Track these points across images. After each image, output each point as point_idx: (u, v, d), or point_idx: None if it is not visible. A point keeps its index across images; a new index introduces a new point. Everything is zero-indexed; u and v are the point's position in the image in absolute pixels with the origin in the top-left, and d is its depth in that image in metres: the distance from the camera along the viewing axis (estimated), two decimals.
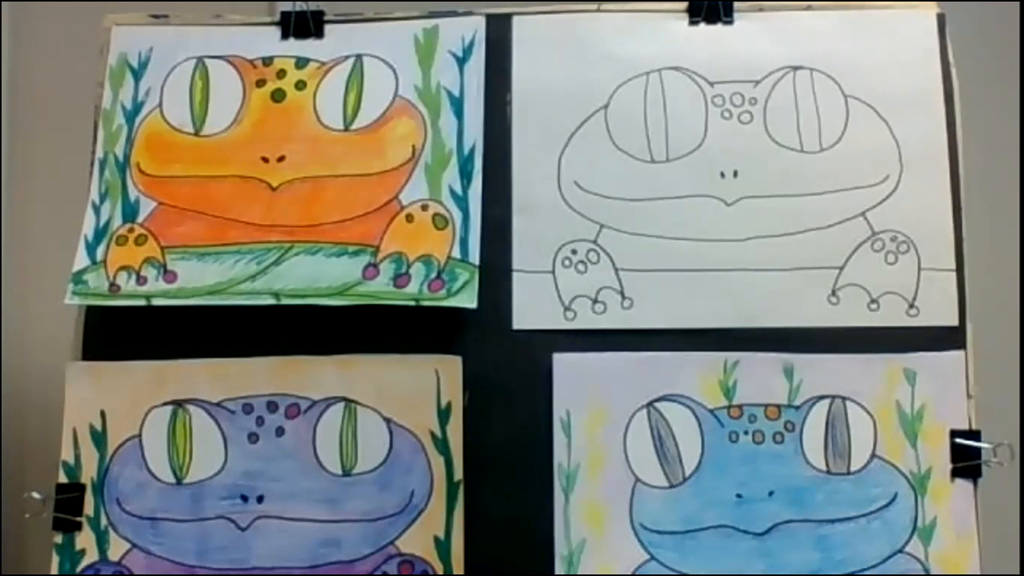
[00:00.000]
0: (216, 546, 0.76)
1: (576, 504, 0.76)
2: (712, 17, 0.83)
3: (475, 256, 0.77)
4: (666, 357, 0.78)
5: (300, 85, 0.83)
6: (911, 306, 0.78)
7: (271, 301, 0.77)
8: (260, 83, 0.84)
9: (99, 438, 0.78)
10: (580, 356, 0.78)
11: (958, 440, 0.76)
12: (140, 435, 0.78)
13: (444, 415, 0.77)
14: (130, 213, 0.81)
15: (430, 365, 0.77)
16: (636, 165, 0.80)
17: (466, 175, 0.80)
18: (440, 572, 0.75)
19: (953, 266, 0.78)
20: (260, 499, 0.77)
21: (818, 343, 0.77)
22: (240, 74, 0.84)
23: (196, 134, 0.83)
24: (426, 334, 0.78)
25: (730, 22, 0.83)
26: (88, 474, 0.78)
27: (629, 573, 0.75)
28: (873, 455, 0.76)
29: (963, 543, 0.75)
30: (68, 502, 0.78)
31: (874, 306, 0.78)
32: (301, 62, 0.84)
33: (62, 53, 1.17)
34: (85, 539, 0.77)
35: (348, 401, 0.77)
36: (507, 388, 0.78)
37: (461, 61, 0.82)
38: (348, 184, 0.80)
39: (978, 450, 0.76)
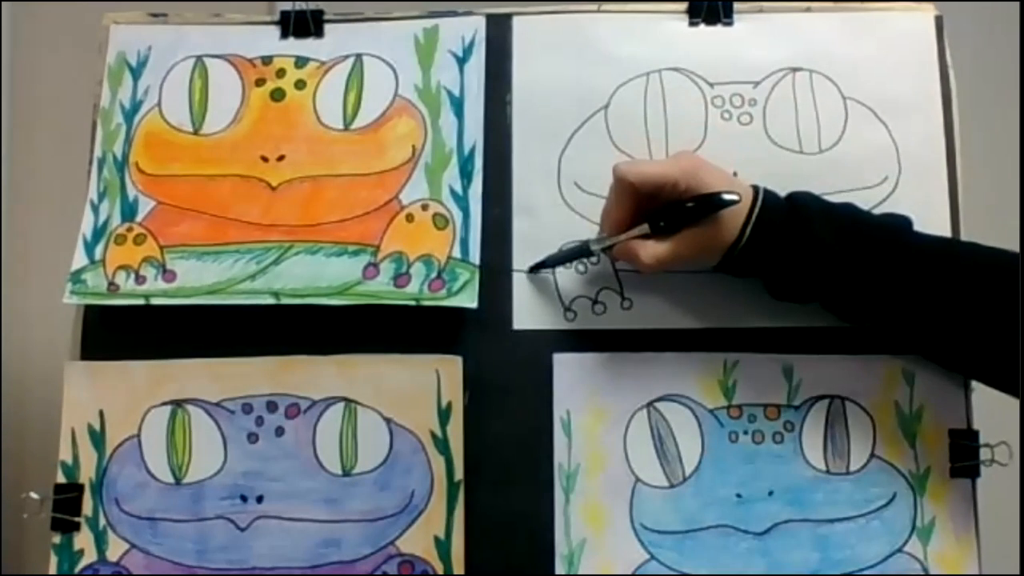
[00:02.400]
0: (216, 546, 0.76)
1: (576, 504, 0.76)
2: (712, 18, 0.83)
3: (475, 256, 0.77)
4: (666, 357, 0.78)
5: (300, 84, 0.83)
6: None
7: (271, 301, 0.77)
8: (259, 82, 0.83)
9: (98, 438, 0.78)
10: (580, 356, 0.78)
11: (957, 440, 0.76)
12: (139, 435, 0.78)
13: (444, 415, 0.77)
14: (129, 212, 0.81)
15: (430, 365, 0.77)
16: None
17: (466, 175, 0.80)
18: (440, 572, 0.75)
19: None
20: (260, 499, 0.77)
21: (818, 343, 0.77)
22: (239, 73, 0.84)
23: (195, 133, 0.83)
24: (426, 334, 0.78)
25: (730, 23, 0.83)
26: (87, 474, 0.78)
27: (629, 573, 0.75)
28: (872, 455, 0.76)
29: (962, 543, 0.75)
30: (66, 502, 0.77)
31: None
32: (301, 61, 0.84)
33: (62, 53, 1.16)
34: (84, 539, 0.77)
35: (348, 401, 0.77)
36: (507, 388, 0.77)
37: (461, 61, 0.82)
38: (348, 184, 0.80)
39: (977, 450, 0.76)
